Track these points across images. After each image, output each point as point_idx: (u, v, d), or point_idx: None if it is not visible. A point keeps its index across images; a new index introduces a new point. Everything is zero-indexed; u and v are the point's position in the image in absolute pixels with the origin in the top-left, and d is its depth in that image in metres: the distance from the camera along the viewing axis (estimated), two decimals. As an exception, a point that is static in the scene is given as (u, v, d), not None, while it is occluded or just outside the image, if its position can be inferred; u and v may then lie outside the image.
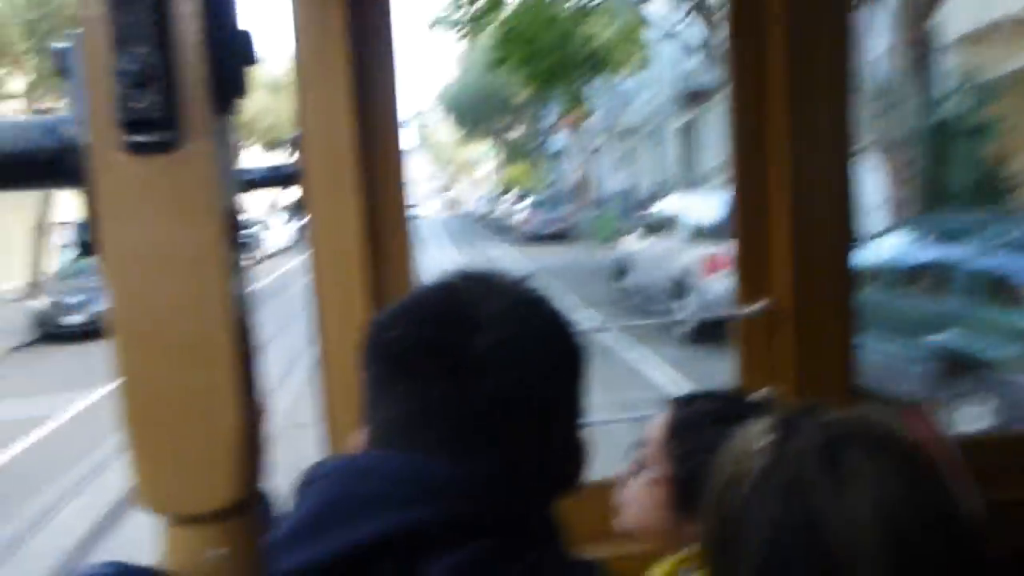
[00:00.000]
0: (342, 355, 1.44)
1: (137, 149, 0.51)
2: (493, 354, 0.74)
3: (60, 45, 0.53)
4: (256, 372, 0.59)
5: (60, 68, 0.53)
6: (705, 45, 18.06)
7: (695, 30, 18.40)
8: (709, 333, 9.53)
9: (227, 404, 0.55)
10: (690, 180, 28.06)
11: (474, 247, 29.05)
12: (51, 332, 15.19)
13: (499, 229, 36.12)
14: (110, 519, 6.02)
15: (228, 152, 0.56)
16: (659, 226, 12.78)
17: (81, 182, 0.53)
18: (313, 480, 0.77)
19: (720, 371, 2.52)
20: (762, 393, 1.36)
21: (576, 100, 25.47)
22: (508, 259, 23.67)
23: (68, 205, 19.14)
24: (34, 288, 17.45)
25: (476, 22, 20.36)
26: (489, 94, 44.34)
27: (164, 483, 0.56)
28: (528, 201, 31.44)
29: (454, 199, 67.62)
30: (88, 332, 14.38)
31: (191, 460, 0.56)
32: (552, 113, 43.67)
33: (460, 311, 0.77)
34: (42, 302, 15.65)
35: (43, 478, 7.34)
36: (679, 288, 11.07)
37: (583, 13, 21.59)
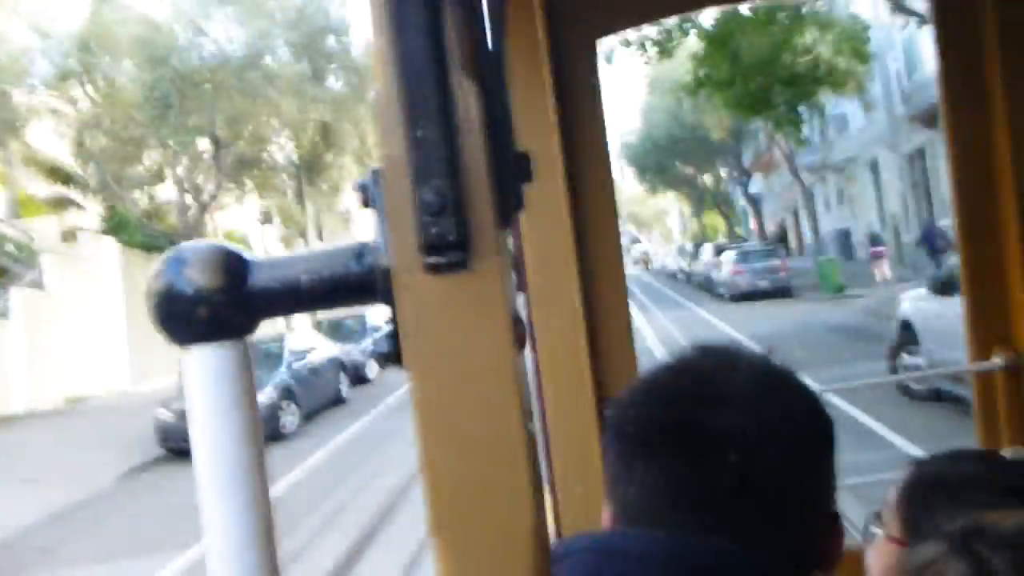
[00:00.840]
0: (566, 428, 1.55)
1: (436, 270, 0.57)
2: (735, 433, 0.73)
3: (363, 180, 0.60)
4: (539, 468, 0.60)
5: (364, 200, 0.60)
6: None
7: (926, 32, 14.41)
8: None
9: (524, 502, 0.58)
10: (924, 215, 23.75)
11: (676, 308, 25.34)
12: (176, 447, 12.76)
13: (698, 285, 32.31)
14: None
15: (510, 263, 0.61)
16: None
17: (387, 301, 0.59)
18: (561, 558, 0.76)
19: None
20: (1005, 454, 1.31)
21: (790, 124, 21.45)
22: (719, 320, 19.91)
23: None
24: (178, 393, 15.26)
25: (667, 43, 17.02)
26: (675, 140, 41.09)
27: None
28: (731, 253, 27.28)
29: (645, 254, 63.90)
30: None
31: (493, 556, 0.58)
32: (750, 151, 39.79)
33: (699, 389, 0.76)
34: (168, 411, 13.22)
35: None
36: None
37: (796, 20, 17.77)
